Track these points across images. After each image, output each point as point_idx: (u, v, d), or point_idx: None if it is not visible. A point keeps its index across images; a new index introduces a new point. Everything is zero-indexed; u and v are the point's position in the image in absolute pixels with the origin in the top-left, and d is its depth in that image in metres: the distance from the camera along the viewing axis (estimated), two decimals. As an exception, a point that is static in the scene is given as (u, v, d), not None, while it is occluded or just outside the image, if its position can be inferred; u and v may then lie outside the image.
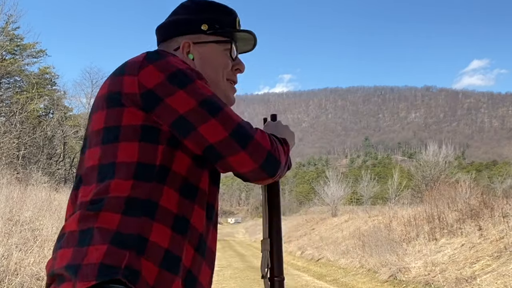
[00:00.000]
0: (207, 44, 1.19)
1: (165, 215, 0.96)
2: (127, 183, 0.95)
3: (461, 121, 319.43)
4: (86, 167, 1.02)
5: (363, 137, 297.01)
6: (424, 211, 12.97)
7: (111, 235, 0.91)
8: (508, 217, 9.13)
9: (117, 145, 0.98)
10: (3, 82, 25.95)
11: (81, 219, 0.95)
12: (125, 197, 0.94)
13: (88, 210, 0.95)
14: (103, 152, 0.99)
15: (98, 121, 1.03)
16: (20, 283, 5.90)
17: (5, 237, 6.91)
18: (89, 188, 0.98)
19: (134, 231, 0.93)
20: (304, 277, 11.76)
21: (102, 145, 1.00)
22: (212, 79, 1.17)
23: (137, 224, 0.93)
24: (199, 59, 1.19)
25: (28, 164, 21.55)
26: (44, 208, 10.33)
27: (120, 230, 0.92)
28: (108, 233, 0.92)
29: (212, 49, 1.20)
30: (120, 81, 1.02)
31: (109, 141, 0.99)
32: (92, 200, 0.96)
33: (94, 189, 0.97)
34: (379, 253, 11.18)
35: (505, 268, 7.03)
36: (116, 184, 0.95)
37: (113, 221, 0.93)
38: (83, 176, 1.03)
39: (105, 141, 1.00)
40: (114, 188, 0.95)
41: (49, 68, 29.59)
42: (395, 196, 33.10)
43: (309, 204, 54.61)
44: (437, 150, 36.83)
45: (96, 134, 1.02)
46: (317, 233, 22.61)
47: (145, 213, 0.94)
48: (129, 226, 0.93)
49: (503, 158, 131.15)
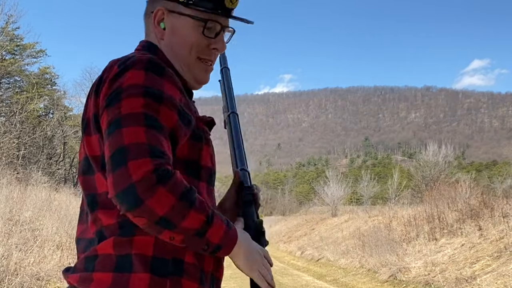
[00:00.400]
0: (182, 16, 1.12)
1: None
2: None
3: (461, 121, 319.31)
4: (99, 192, 1.02)
5: (363, 137, 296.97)
6: (424, 211, 12.96)
7: (150, 262, 0.94)
8: (508, 217, 9.13)
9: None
10: (3, 82, 25.95)
11: (116, 244, 0.96)
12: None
13: (120, 236, 0.97)
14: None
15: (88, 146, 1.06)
16: (20, 283, 5.90)
17: (5, 237, 6.90)
18: (111, 211, 0.98)
19: (169, 255, 0.96)
20: (304, 277, 11.76)
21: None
22: (180, 55, 1.13)
23: (171, 246, 0.96)
24: (169, 31, 1.14)
25: (28, 164, 21.55)
26: (44, 208, 10.33)
27: (156, 255, 0.95)
28: (146, 260, 0.94)
29: (185, 23, 1.13)
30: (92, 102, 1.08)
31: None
32: (121, 223, 0.97)
33: (117, 214, 0.98)
34: (379, 253, 11.17)
35: (505, 268, 7.03)
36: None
37: (148, 246, 0.95)
38: (98, 196, 1.02)
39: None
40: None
41: (49, 68, 29.58)
42: (395, 196, 33.08)
43: (309, 204, 54.57)
44: (437, 150, 36.81)
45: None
46: (317, 233, 22.60)
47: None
48: (164, 251, 0.96)
49: (503, 158, 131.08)
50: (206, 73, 1.18)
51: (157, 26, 1.14)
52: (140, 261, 0.94)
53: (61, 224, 9.65)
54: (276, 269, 13.80)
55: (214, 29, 1.15)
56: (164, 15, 1.13)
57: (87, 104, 1.07)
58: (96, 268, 0.96)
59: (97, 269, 0.95)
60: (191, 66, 1.14)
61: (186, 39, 1.13)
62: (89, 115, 1.04)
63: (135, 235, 0.95)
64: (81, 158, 1.07)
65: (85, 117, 1.06)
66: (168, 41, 1.13)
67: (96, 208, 1.01)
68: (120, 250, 0.95)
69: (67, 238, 9.14)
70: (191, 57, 1.14)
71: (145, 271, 0.93)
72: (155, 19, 1.13)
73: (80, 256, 1.03)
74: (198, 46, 1.14)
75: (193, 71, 1.15)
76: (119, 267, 0.94)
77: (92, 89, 1.07)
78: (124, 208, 0.90)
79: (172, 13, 1.13)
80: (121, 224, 0.97)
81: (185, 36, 1.13)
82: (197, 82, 1.17)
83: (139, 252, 0.94)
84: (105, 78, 1.02)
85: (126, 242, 0.95)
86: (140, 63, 1.01)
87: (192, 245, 0.94)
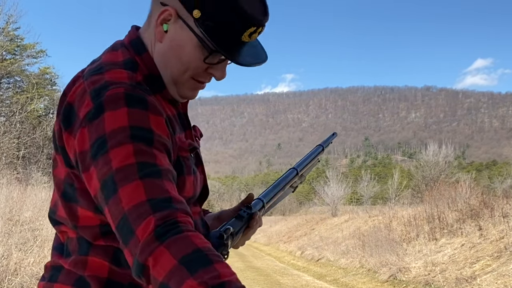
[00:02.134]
0: (189, 31, 0.96)
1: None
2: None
3: (461, 121, 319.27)
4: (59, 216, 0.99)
5: (363, 137, 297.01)
6: (424, 211, 12.96)
7: (104, 284, 0.92)
8: (508, 217, 9.13)
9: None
10: (3, 82, 25.96)
11: (74, 263, 0.96)
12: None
13: (78, 255, 0.96)
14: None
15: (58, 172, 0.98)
16: (20, 283, 5.90)
17: (5, 237, 6.91)
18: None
19: (125, 280, 0.93)
20: (304, 277, 11.75)
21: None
22: (172, 70, 1.00)
23: (127, 271, 0.92)
24: (170, 39, 0.98)
25: (28, 164, 21.56)
26: (44, 208, 10.32)
27: (111, 278, 0.93)
28: (101, 281, 0.92)
29: (190, 40, 0.96)
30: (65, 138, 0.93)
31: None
32: (79, 240, 0.97)
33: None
34: (379, 253, 11.17)
35: (505, 268, 7.03)
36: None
37: (103, 268, 0.93)
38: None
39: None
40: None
41: (49, 68, 29.60)
42: (395, 196, 33.08)
43: (309, 204, 54.65)
44: (437, 150, 36.82)
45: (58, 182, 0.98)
46: (317, 233, 22.59)
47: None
48: (120, 275, 0.94)
49: (503, 158, 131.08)
50: (194, 91, 1.05)
51: (159, 25, 0.98)
52: (95, 282, 0.92)
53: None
54: (276, 269, 13.79)
55: (217, 56, 0.99)
56: (172, 18, 0.96)
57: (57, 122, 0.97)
58: (59, 279, 0.95)
59: (60, 281, 0.95)
60: (180, 84, 1.01)
61: (183, 58, 0.98)
62: (55, 131, 0.97)
63: (89, 255, 0.93)
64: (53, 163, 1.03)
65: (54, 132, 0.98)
66: (163, 49, 0.99)
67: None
68: (77, 269, 0.94)
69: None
70: (184, 76, 1.00)
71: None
72: (160, 17, 0.97)
73: (52, 259, 1.02)
74: (195, 69, 1.00)
75: (181, 88, 1.02)
76: (80, 284, 0.93)
77: (58, 109, 0.96)
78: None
79: (180, 20, 0.96)
80: (79, 241, 0.95)
81: (184, 55, 0.98)
82: (181, 97, 1.04)
83: (93, 274, 0.92)
84: (77, 111, 0.90)
85: (81, 262, 0.93)
86: (118, 100, 0.86)
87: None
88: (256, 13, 0.96)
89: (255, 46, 1.04)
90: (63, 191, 0.96)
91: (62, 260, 0.96)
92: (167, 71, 1.00)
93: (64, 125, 0.92)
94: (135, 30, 1.06)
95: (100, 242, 0.93)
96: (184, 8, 0.95)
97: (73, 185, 0.93)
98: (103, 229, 0.92)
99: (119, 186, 0.81)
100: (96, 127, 0.85)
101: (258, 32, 0.99)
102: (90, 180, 0.86)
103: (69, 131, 0.91)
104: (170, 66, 1.00)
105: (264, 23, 0.99)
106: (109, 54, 1.01)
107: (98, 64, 0.97)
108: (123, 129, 0.84)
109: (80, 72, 1.00)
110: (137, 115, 0.86)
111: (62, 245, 0.99)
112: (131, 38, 1.04)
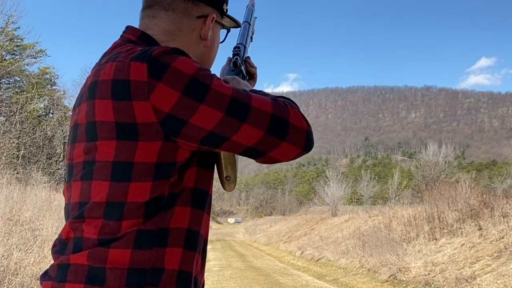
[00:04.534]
0: (219, 26, 1.12)
1: (176, 236, 0.94)
2: (137, 221, 0.91)
3: (461, 121, 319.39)
4: (92, 201, 0.94)
5: (363, 137, 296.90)
6: (424, 211, 12.97)
7: (125, 275, 0.90)
8: (508, 217, 9.13)
9: (128, 184, 0.90)
10: (3, 82, 25.96)
11: (91, 254, 0.91)
12: (134, 231, 0.91)
13: (96, 248, 0.92)
14: (113, 189, 0.92)
15: (106, 151, 0.92)
16: (20, 283, 5.90)
17: (5, 237, 6.91)
18: (96, 222, 0.93)
19: (146, 265, 0.91)
20: (304, 277, 11.75)
21: (112, 181, 0.92)
22: (209, 65, 1.12)
23: (149, 256, 0.91)
24: (212, 40, 1.10)
25: (28, 164, 21.57)
26: (44, 208, 10.34)
27: (132, 266, 0.90)
28: (122, 273, 0.89)
29: (218, 34, 1.13)
30: (129, 108, 0.89)
31: (120, 179, 0.91)
32: (101, 240, 0.92)
33: (101, 226, 0.92)
34: (379, 253, 11.17)
35: (505, 268, 7.03)
36: (126, 224, 0.91)
37: (124, 258, 0.90)
38: (87, 209, 0.94)
39: (115, 177, 0.91)
40: (124, 227, 0.91)
41: (49, 68, 29.62)
42: (395, 196, 33.10)
43: (309, 204, 54.61)
44: (437, 150, 36.86)
45: (105, 165, 0.93)
46: (317, 233, 22.59)
47: (157, 244, 0.92)
48: (141, 261, 0.91)
49: (503, 158, 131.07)
50: None
51: (207, 33, 1.07)
52: (114, 274, 0.89)
53: (61, 224, 9.64)
54: (276, 269, 13.79)
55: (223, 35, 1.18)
56: (212, 23, 1.08)
57: (89, 108, 0.95)
58: (68, 278, 0.92)
59: (69, 280, 0.92)
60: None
61: (215, 50, 1.13)
62: (98, 119, 0.93)
63: (110, 247, 0.91)
64: (76, 160, 0.99)
65: (88, 121, 0.95)
66: (205, 51, 1.09)
67: (82, 217, 0.95)
68: (93, 262, 0.91)
69: (67, 238, 9.14)
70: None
71: (120, 285, 0.89)
72: (208, 24, 1.07)
73: (54, 259, 0.99)
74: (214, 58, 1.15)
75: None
76: (91, 279, 0.90)
77: (94, 91, 0.94)
78: (307, 152, 0.97)
79: (216, 22, 1.10)
80: (100, 239, 0.92)
81: (216, 46, 1.13)
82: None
83: (113, 266, 0.90)
84: (137, 80, 0.89)
85: (101, 254, 0.91)
86: (175, 52, 0.93)
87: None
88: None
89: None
90: (113, 171, 0.92)
91: (72, 256, 0.94)
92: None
93: (127, 98, 0.90)
94: (136, 28, 1.07)
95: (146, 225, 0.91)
96: (217, 9, 1.09)
97: (129, 162, 0.90)
98: (150, 206, 0.91)
99: (246, 100, 0.91)
100: (175, 73, 0.89)
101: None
102: (199, 120, 0.89)
103: (138, 99, 0.89)
104: (209, 64, 1.11)
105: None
106: (130, 45, 1.01)
107: (141, 49, 0.96)
108: (202, 68, 0.92)
109: (98, 63, 1.00)
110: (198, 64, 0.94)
111: (69, 243, 0.96)
112: (136, 34, 1.05)
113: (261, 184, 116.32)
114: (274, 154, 0.95)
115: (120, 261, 0.89)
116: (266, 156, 0.95)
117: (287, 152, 0.95)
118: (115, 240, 0.90)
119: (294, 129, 0.93)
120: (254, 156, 0.96)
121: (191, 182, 0.95)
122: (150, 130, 0.89)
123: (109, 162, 0.92)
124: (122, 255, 0.90)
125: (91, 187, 0.94)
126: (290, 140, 0.93)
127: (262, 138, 0.92)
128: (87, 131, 0.95)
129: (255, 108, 0.91)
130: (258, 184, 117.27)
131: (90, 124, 0.94)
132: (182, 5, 1.05)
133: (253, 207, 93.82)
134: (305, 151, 0.97)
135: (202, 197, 0.98)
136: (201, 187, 0.98)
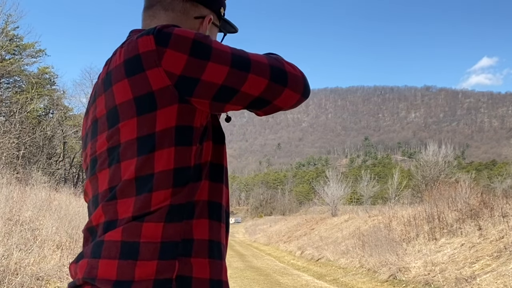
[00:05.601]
0: (216, 29, 1.17)
1: (202, 208, 0.99)
2: (167, 192, 0.94)
3: (461, 121, 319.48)
4: (123, 180, 0.96)
5: (363, 137, 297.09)
6: (424, 211, 12.97)
7: (158, 248, 0.93)
8: (508, 217, 9.14)
9: (153, 155, 0.94)
10: (3, 82, 25.96)
11: (125, 230, 0.94)
12: (166, 206, 0.94)
13: (129, 223, 0.95)
14: (140, 163, 0.94)
15: (128, 130, 0.96)
16: (20, 283, 5.90)
17: (5, 237, 6.91)
18: (129, 200, 0.96)
19: (178, 237, 0.95)
20: (304, 277, 11.76)
21: (138, 156, 0.95)
22: None
23: (180, 229, 0.95)
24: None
25: (28, 164, 21.57)
26: (44, 208, 10.34)
27: (164, 240, 0.94)
28: (155, 246, 0.93)
29: (215, 36, 1.18)
30: (143, 79, 0.94)
31: (145, 151, 0.94)
32: (134, 216, 0.95)
33: (134, 203, 0.95)
34: (379, 253, 11.18)
35: (505, 268, 7.03)
36: (157, 196, 0.94)
37: (157, 233, 0.94)
38: (119, 190, 0.97)
39: (141, 151, 0.94)
40: (155, 200, 0.94)
41: (49, 68, 29.60)
42: (395, 196, 33.12)
43: (309, 204, 54.67)
44: (437, 150, 36.84)
45: (130, 144, 0.96)
46: (317, 233, 22.61)
47: (186, 216, 0.96)
48: (173, 234, 0.95)
49: (502, 158, 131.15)
50: None
51: (205, 31, 1.13)
52: (147, 248, 0.93)
53: (61, 224, 9.65)
54: (276, 269, 13.80)
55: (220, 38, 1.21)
56: (209, 24, 1.13)
57: (108, 97, 0.99)
58: (102, 254, 0.95)
59: (103, 256, 0.95)
60: None
61: None
62: (118, 102, 0.97)
63: (144, 221, 0.94)
64: (100, 150, 1.02)
65: (108, 109, 0.99)
66: None
67: (114, 198, 0.97)
68: (127, 237, 0.94)
69: (67, 238, 9.15)
70: None
71: (152, 257, 0.93)
72: (205, 24, 1.12)
73: (86, 244, 1.02)
74: None
75: None
76: (125, 254, 0.93)
77: (110, 80, 0.99)
78: (306, 98, 1.06)
79: (213, 24, 1.15)
80: (134, 216, 0.95)
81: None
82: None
83: (147, 240, 0.93)
84: (146, 50, 0.95)
85: (135, 229, 0.94)
86: (174, 26, 0.99)
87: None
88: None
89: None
90: (139, 147, 0.95)
91: (106, 234, 0.96)
92: None
93: (140, 70, 0.95)
94: (138, 29, 1.10)
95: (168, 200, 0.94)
96: (214, 11, 1.14)
97: (151, 133, 0.94)
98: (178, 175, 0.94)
99: (244, 54, 0.98)
100: (180, 39, 0.95)
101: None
102: (209, 76, 0.94)
103: (150, 67, 0.94)
104: None
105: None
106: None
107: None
108: (200, 34, 0.98)
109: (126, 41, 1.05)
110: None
111: (102, 226, 0.98)
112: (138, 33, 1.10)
113: (261, 184, 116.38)
114: (278, 102, 1.02)
115: (153, 235, 0.93)
116: (271, 105, 1.02)
117: (289, 98, 1.02)
118: (149, 214, 0.94)
119: (292, 76, 1.01)
120: (260, 106, 1.02)
121: (208, 156, 1.00)
122: (166, 94, 0.94)
123: (133, 139, 0.96)
124: (155, 228, 0.93)
125: (121, 168, 0.98)
126: (291, 86, 1.01)
127: (268, 86, 0.98)
128: (108, 119, 0.99)
129: (254, 60, 0.98)
130: (258, 184, 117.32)
131: (111, 110, 0.99)
132: (181, 5, 1.11)
133: (253, 207, 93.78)
134: (304, 97, 1.05)
135: (219, 170, 1.04)
136: (216, 161, 1.03)
